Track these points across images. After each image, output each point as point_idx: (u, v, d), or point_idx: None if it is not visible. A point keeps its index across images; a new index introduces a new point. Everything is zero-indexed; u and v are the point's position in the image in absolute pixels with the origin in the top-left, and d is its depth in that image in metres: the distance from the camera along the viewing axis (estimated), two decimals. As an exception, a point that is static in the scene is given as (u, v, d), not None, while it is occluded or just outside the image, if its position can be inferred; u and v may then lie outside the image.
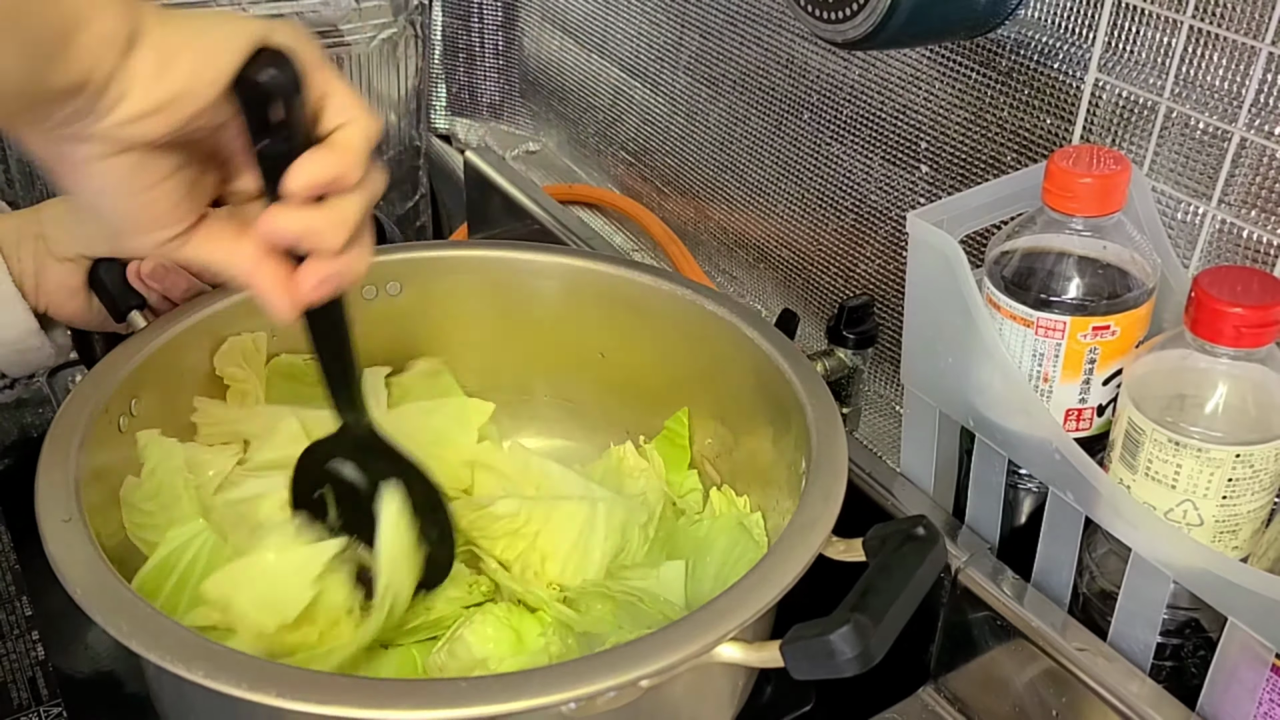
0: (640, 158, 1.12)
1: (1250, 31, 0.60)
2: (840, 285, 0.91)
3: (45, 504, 0.59)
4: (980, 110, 0.76)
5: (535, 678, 0.51)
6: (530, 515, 0.71)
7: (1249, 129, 0.61)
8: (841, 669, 0.50)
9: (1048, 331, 0.62)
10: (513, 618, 0.68)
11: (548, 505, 0.72)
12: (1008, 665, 0.68)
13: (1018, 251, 0.63)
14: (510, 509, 0.71)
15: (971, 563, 0.69)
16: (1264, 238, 0.62)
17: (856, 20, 0.65)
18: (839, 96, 0.86)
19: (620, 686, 0.51)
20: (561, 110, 1.23)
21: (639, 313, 0.79)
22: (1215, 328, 0.56)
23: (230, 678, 0.50)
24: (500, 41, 1.27)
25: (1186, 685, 0.63)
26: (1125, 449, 0.60)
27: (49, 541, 0.57)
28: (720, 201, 1.02)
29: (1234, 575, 0.55)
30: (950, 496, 0.74)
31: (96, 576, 0.55)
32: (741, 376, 0.74)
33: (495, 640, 0.66)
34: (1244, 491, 0.57)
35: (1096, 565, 0.66)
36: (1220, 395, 0.57)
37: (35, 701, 0.72)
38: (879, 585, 0.52)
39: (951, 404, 0.69)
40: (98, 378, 0.68)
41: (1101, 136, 0.69)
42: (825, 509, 0.60)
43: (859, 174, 0.86)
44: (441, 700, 0.50)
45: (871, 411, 0.87)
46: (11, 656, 0.75)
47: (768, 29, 0.91)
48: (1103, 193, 0.60)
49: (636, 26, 1.07)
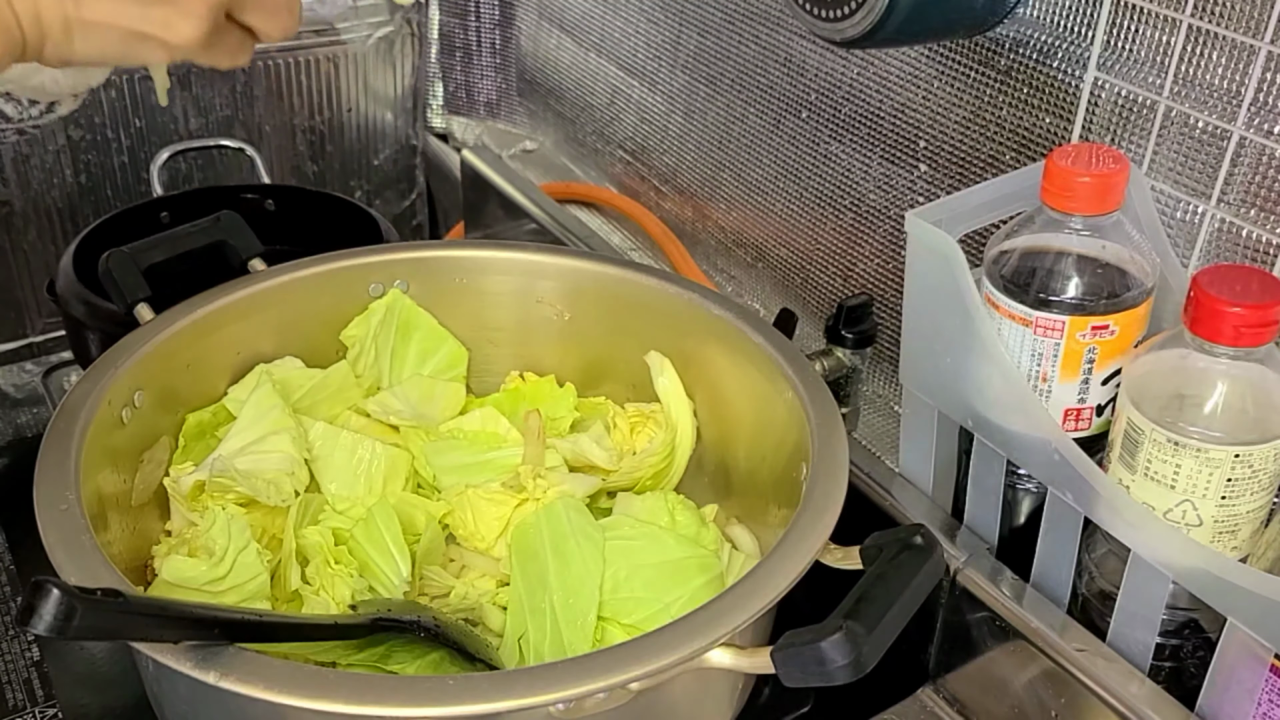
0: (638, 156, 1.12)
1: (1249, 30, 0.60)
2: (839, 284, 0.91)
3: (44, 491, 0.59)
4: (979, 109, 0.75)
5: (523, 678, 0.51)
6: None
7: (1248, 128, 0.61)
8: (833, 677, 0.50)
9: (1046, 331, 0.62)
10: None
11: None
12: (1007, 666, 0.68)
13: (1016, 251, 0.63)
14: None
15: (970, 563, 0.69)
16: (1263, 236, 0.62)
17: (855, 19, 0.65)
18: (837, 95, 0.86)
19: (609, 688, 0.51)
20: (559, 109, 1.22)
21: (639, 312, 0.79)
22: (1214, 327, 0.55)
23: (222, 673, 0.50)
24: (497, 40, 1.27)
25: (1185, 686, 0.62)
26: (1124, 449, 0.60)
27: (45, 530, 0.57)
28: (718, 200, 1.02)
29: (1233, 575, 0.55)
30: (949, 497, 0.74)
31: (91, 565, 0.55)
32: (740, 377, 0.74)
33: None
34: (1243, 491, 0.57)
35: (1095, 566, 0.66)
36: (1219, 395, 0.57)
37: (30, 702, 0.72)
38: (874, 593, 0.52)
39: (950, 404, 0.68)
40: (103, 368, 0.68)
41: (1101, 135, 0.68)
42: (823, 515, 0.60)
43: (857, 173, 0.86)
44: (429, 698, 0.50)
45: (870, 411, 0.87)
46: (7, 657, 0.75)
47: (766, 27, 0.91)
48: (1101, 192, 0.60)
49: (634, 25, 1.07)
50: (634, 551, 0.67)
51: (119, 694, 0.72)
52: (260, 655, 0.52)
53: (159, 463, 0.71)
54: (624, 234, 1.13)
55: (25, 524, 0.58)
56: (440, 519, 0.74)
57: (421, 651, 0.65)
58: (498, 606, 0.70)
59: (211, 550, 0.66)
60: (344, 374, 0.79)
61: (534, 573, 0.67)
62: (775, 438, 0.70)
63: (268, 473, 0.71)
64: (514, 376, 0.85)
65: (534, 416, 0.78)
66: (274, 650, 0.55)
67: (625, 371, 0.81)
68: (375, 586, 0.69)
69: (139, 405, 0.69)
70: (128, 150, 1.12)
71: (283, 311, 0.78)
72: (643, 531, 0.68)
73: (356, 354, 0.81)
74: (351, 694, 0.49)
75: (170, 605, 0.51)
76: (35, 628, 0.45)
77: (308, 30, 1.18)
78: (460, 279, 0.82)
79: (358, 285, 0.80)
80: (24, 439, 0.97)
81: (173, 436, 0.73)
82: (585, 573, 0.65)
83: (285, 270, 0.78)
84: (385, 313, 0.81)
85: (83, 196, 1.11)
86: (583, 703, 0.51)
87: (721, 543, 0.72)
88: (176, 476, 0.71)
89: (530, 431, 0.77)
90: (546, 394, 0.83)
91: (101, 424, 0.65)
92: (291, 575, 0.68)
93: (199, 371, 0.74)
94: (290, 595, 0.68)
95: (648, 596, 0.65)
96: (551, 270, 0.82)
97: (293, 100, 1.20)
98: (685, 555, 0.67)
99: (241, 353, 0.77)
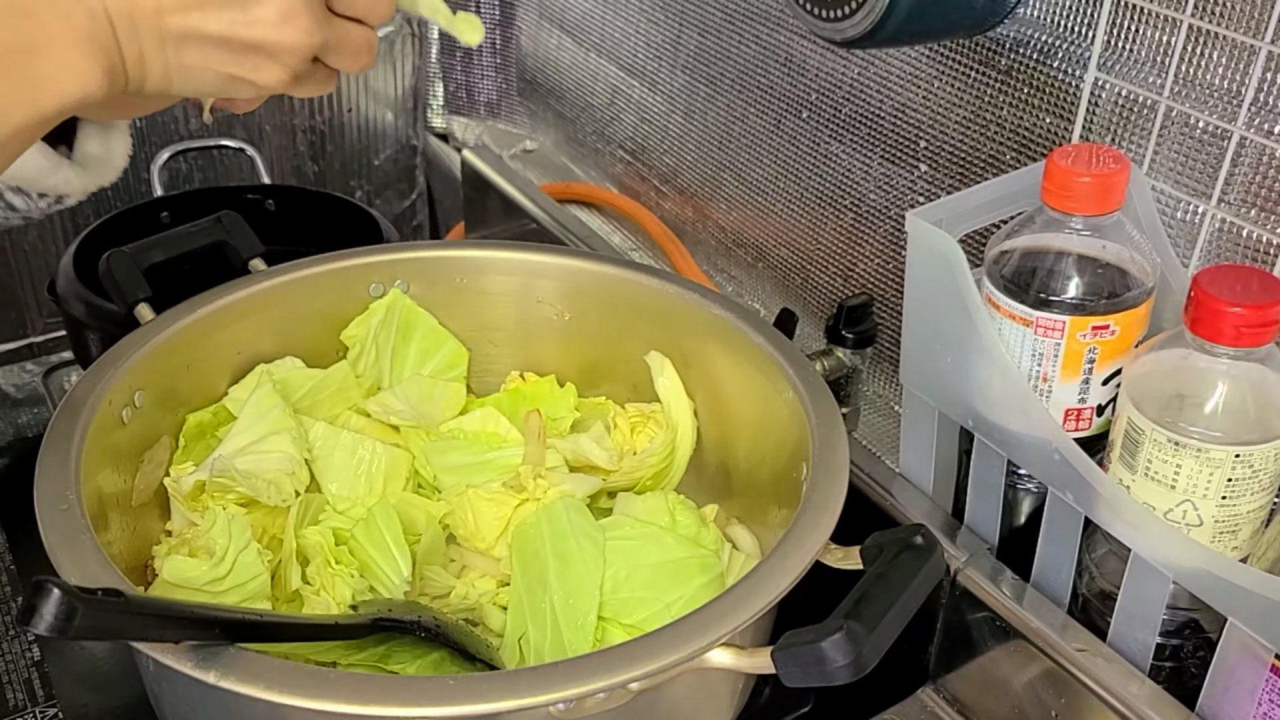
0: (638, 156, 1.12)
1: (1250, 30, 0.60)
2: (839, 284, 0.91)
3: (44, 491, 0.59)
4: (979, 109, 0.75)
5: (524, 678, 0.51)
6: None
7: (1249, 128, 0.61)
8: (833, 677, 0.50)
9: (1047, 331, 0.62)
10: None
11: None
12: (1007, 666, 0.68)
13: (1017, 251, 0.63)
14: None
15: (971, 563, 0.69)
16: (1263, 236, 0.62)
17: (855, 19, 0.65)
18: (838, 95, 0.86)
19: (609, 688, 0.51)
20: (559, 109, 1.22)
21: (639, 313, 0.79)
22: (1215, 327, 0.55)
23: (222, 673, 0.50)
24: (498, 40, 1.27)
25: (1186, 686, 0.62)
26: (1125, 449, 0.60)
27: (45, 530, 0.57)
28: (719, 200, 1.02)
29: (1233, 575, 0.55)
30: (949, 497, 0.74)
31: (92, 565, 0.55)
32: (741, 377, 0.74)
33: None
34: (1243, 492, 0.57)
35: (1096, 566, 0.66)
36: (1220, 395, 0.57)
37: (31, 702, 0.72)
38: (874, 593, 0.52)
39: (950, 404, 0.68)
40: (103, 368, 0.68)
41: (1101, 135, 0.68)
42: (824, 516, 0.60)
43: (858, 173, 0.86)
44: (429, 698, 0.50)
45: (870, 411, 0.87)
46: (7, 657, 0.75)
47: (766, 27, 0.91)
48: (1102, 192, 0.60)
49: (634, 25, 1.07)
50: (634, 551, 0.67)
51: (119, 694, 0.72)
52: (260, 655, 0.52)
53: (159, 463, 0.71)
54: (624, 234, 1.13)
55: (25, 524, 0.58)
56: (440, 519, 0.74)
57: (422, 651, 0.65)
58: (498, 606, 0.70)
59: (212, 550, 0.66)
60: (344, 374, 0.79)
61: (534, 573, 0.67)
62: (776, 438, 0.70)
63: (268, 473, 0.71)
64: (514, 376, 0.85)
65: (534, 417, 0.78)
66: (274, 650, 0.55)
67: (625, 371, 0.81)
68: (376, 586, 0.68)
69: (139, 405, 0.69)
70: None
71: (283, 311, 0.78)
72: (643, 531, 0.68)
73: (357, 354, 0.81)
74: (352, 694, 0.50)
75: (171, 605, 0.51)
76: (36, 628, 0.45)
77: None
78: (461, 279, 0.82)
79: (358, 285, 0.81)
80: (24, 439, 0.97)
81: (173, 436, 0.73)
82: (586, 573, 0.65)
83: (286, 270, 0.78)
84: (386, 313, 0.81)
85: (83, 196, 1.11)
86: (583, 703, 0.51)
87: (722, 543, 0.72)
88: (177, 476, 0.71)
89: (531, 431, 0.77)
90: (547, 394, 0.83)
91: (102, 424, 0.65)
92: (292, 575, 0.68)
93: (199, 371, 0.74)
94: (291, 595, 0.68)
95: (648, 596, 0.65)
96: (552, 270, 0.82)
97: (293, 100, 1.20)
98: (685, 555, 0.67)
99: (242, 353, 0.77)
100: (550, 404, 0.82)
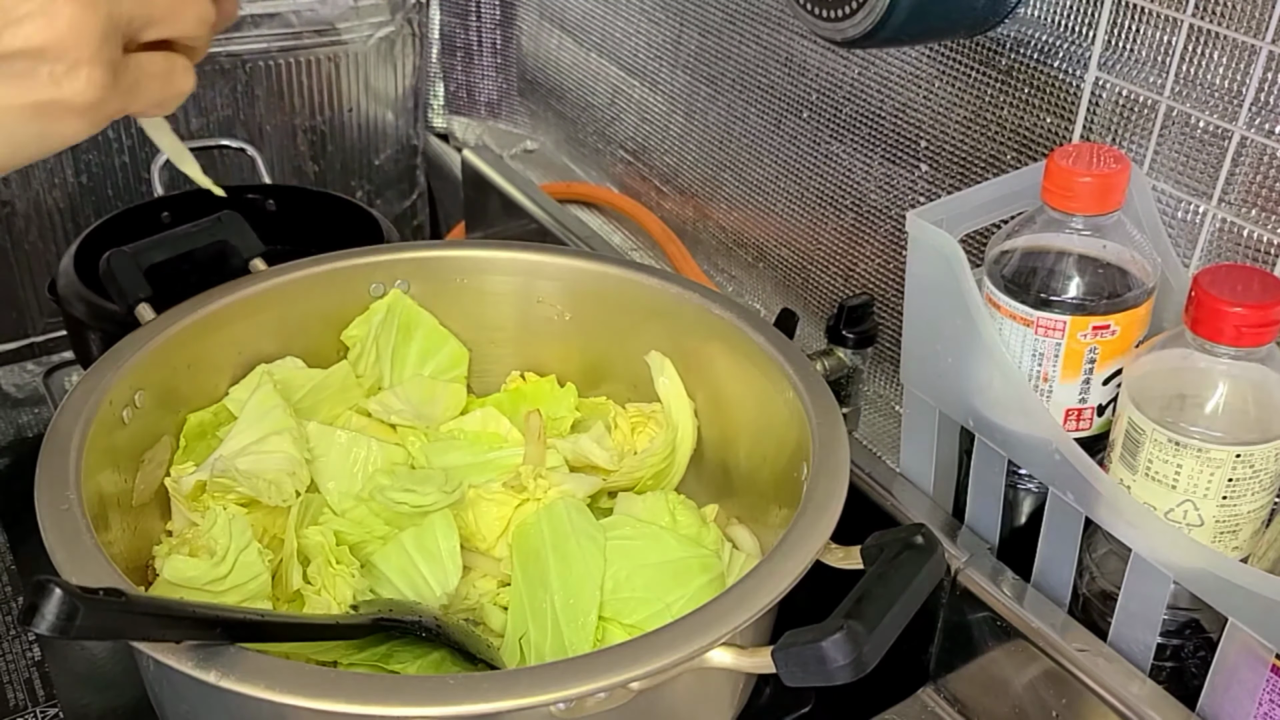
0: (639, 156, 1.12)
1: (1251, 30, 0.60)
2: (840, 284, 0.91)
3: (45, 491, 0.59)
4: (980, 109, 0.75)
5: (524, 677, 0.51)
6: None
7: (1249, 128, 0.61)
8: (833, 676, 0.49)
9: (1047, 331, 0.62)
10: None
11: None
12: (1007, 666, 0.68)
13: (1017, 250, 0.63)
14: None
15: (971, 563, 0.69)
16: (1264, 236, 0.62)
17: (856, 18, 0.65)
18: (838, 95, 0.86)
19: (609, 688, 0.51)
20: (559, 109, 1.22)
21: (639, 313, 0.79)
22: (1215, 327, 0.55)
23: (223, 673, 0.50)
24: (498, 40, 1.27)
25: (1186, 686, 0.62)
26: (1125, 449, 0.60)
27: (46, 530, 0.57)
28: (719, 200, 1.02)
29: (1234, 575, 0.55)
30: (950, 497, 0.74)
31: (92, 565, 0.55)
32: (741, 377, 0.74)
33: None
34: (1244, 492, 0.57)
35: (1096, 566, 0.66)
36: (1220, 395, 0.57)
37: (31, 702, 0.72)
38: (875, 593, 0.52)
39: (951, 404, 0.68)
40: (103, 368, 0.68)
41: (1101, 135, 0.68)
42: (824, 515, 0.59)
43: (858, 173, 0.86)
44: (430, 698, 0.50)
45: (871, 411, 0.87)
46: (8, 657, 0.75)
47: (767, 27, 0.91)
48: (1102, 191, 0.60)
49: (635, 25, 1.07)
50: (635, 551, 0.67)
51: (120, 694, 0.72)
52: (261, 655, 0.52)
53: (160, 463, 0.71)
54: (625, 234, 1.13)
55: (26, 524, 0.58)
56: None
57: (422, 651, 0.65)
58: (499, 606, 0.70)
59: (213, 550, 0.66)
60: (345, 374, 0.79)
61: (535, 573, 0.67)
62: (776, 438, 0.70)
63: (269, 473, 0.71)
64: (515, 376, 0.85)
65: (535, 416, 0.78)
66: (275, 650, 0.55)
67: (626, 371, 0.81)
68: (408, 593, 0.68)
69: (140, 405, 0.69)
70: (128, 150, 1.12)
71: (284, 311, 0.78)
72: (643, 531, 0.68)
73: (357, 354, 0.81)
74: (352, 693, 0.50)
75: (172, 605, 0.51)
76: (37, 627, 0.45)
77: (309, 30, 1.18)
78: (461, 279, 0.82)
79: (359, 285, 0.81)
80: (25, 439, 0.97)
81: (174, 436, 0.73)
82: (586, 573, 0.65)
83: (286, 270, 0.78)
84: (386, 313, 0.81)
85: (84, 196, 1.11)
86: (583, 702, 0.51)
87: (722, 543, 0.72)
88: (178, 476, 0.71)
89: (531, 431, 0.77)
90: (547, 394, 0.83)
91: (102, 424, 0.65)
92: (293, 575, 0.68)
93: (200, 371, 0.74)
94: (291, 595, 0.68)
95: (648, 596, 0.65)
96: (552, 270, 0.82)
97: (294, 100, 1.20)
98: (686, 555, 0.67)
99: (242, 353, 0.77)
100: (551, 404, 0.82)
